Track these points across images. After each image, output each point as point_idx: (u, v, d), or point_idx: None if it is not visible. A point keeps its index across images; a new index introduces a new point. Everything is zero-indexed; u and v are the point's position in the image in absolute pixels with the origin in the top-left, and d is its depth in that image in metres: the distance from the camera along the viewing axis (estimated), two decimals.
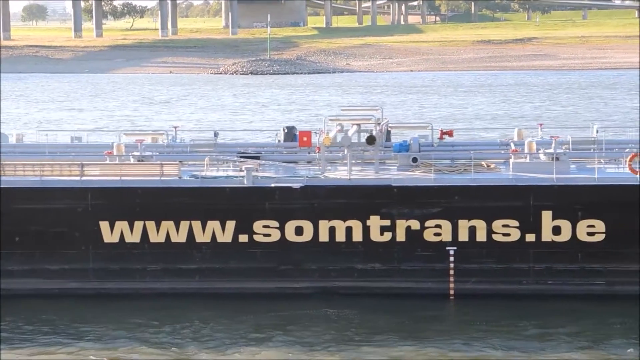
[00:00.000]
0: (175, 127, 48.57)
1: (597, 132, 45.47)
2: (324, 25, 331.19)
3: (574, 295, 39.91)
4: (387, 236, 40.19)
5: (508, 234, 39.95)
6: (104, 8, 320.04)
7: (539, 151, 42.38)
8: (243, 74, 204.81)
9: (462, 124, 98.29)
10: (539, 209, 39.70)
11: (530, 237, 39.89)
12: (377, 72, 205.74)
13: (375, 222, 40.14)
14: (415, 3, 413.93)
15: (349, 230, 40.18)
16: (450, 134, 46.38)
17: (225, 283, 40.36)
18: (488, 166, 43.32)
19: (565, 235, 39.75)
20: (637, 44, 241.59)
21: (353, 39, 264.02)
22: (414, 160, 43.14)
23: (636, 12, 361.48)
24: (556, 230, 39.77)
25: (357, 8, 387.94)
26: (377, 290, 40.35)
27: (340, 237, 40.21)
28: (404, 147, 43.90)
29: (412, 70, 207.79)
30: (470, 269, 40.22)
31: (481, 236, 40.01)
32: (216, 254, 40.20)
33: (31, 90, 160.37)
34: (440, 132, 46.38)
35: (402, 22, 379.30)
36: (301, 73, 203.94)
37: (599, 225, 39.62)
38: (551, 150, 41.93)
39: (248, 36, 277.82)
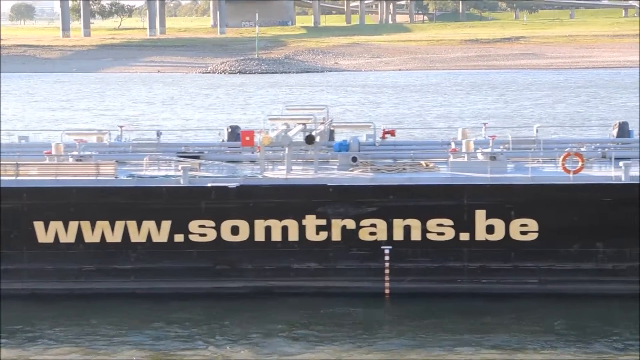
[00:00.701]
0: (121, 127, 48.70)
1: (537, 131, 45.71)
2: (312, 25, 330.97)
3: (507, 294, 40.12)
4: (323, 235, 40.38)
5: (442, 233, 40.17)
6: (91, 7, 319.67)
7: (477, 150, 42.63)
8: (231, 73, 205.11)
9: (468, 122, 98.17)
10: (473, 208, 39.92)
11: (464, 236, 40.12)
12: (365, 71, 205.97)
13: (311, 221, 40.32)
14: (403, 2, 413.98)
15: (284, 229, 40.35)
16: (392, 133, 46.64)
17: (161, 283, 40.49)
18: (427, 165, 43.55)
19: (498, 234, 39.98)
20: (624, 42, 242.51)
21: (341, 38, 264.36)
22: (354, 159, 43.35)
23: (623, 12, 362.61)
24: (490, 229, 40.00)
25: (345, 7, 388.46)
26: (312, 290, 40.52)
27: (276, 236, 40.38)
28: (343, 147, 44.13)
29: (400, 70, 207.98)
30: (405, 268, 40.43)
31: (416, 235, 40.22)
32: (152, 254, 40.32)
33: (25, 90, 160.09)
34: (382, 131, 46.61)
35: (390, 21, 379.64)
36: (289, 72, 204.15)
37: (532, 224, 39.86)
38: (488, 150, 42.23)
39: (236, 35, 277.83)
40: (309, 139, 42.54)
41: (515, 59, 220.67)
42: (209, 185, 40.43)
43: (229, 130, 47.18)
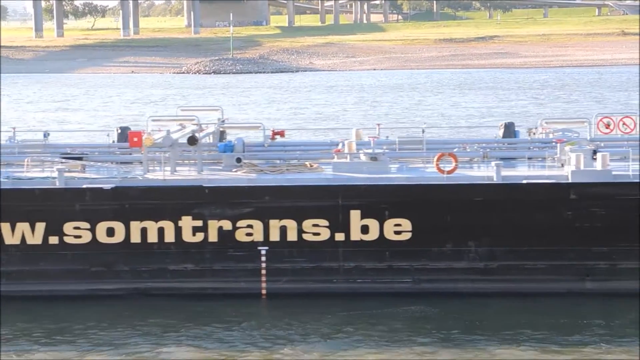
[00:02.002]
0: (14, 128, 48.66)
1: (423, 132, 45.81)
2: (287, 24, 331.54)
3: (382, 293, 40.23)
4: (200, 237, 40.38)
5: (318, 234, 40.24)
6: (65, 8, 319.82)
7: (360, 151, 42.74)
8: (206, 73, 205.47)
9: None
10: (348, 208, 40.01)
11: (339, 237, 40.17)
12: (340, 71, 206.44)
13: (187, 222, 40.32)
14: (377, 2, 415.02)
15: (161, 231, 40.34)
16: (282, 134, 46.74)
17: (36, 285, 40.31)
18: (311, 166, 43.62)
19: (373, 234, 40.07)
20: (597, 41, 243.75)
21: (316, 37, 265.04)
22: (238, 160, 43.44)
23: (596, 10, 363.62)
24: (364, 229, 40.08)
25: (319, 7, 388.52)
26: (189, 291, 40.53)
27: (153, 238, 40.37)
28: (228, 148, 44.17)
29: (374, 69, 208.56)
30: (281, 268, 40.49)
31: (292, 236, 40.27)
32: (26, 256, 40.24)
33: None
34: (272, 132, 46.71)
35: (365, 21, 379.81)
36: (264, 72, 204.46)
37: (405, 224, 39.95)
38: (370, 151, 42.36)
39: (210, 35, 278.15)
40: (191, 140, 42.58)
41: (490, 58, 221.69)
42: (84, 186, 40.42)
43: (119, 131, 47.19)
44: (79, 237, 40.26)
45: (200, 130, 45.14)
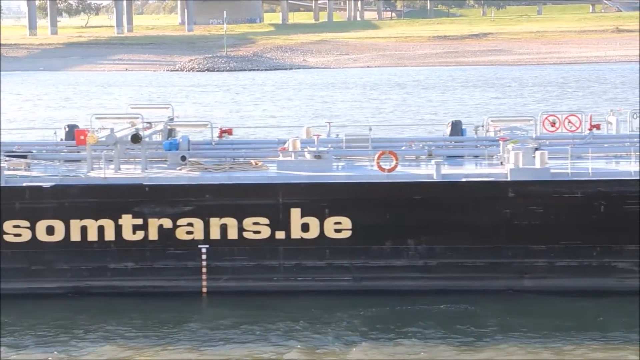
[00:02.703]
0: None
1: (371, 129, 45.65)
2: (280, 22, 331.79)
3: (322, 291, 40.12)
4: (140, 235, 40.31)
5: (259, 232, 40.18)
6: (58, 5, 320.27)
7: (304, 149, 42.62)
8: (199, 70, 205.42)
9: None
10: (288, 206, 39.93)
11: (280, 235, 40.09)
12: (333, 68, 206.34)
13: (127, 221, 40.24)
14: None
15: (101, 229, 40.25)
16: (229, 132, 46.68)
17: None
18: (256, 164, 43.51)
19: (313, 233, 39.99)
20: (591, 38, 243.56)
21: (309, 35, 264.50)
22: (183, 158, 43.36)
23: (590, 7, 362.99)
24: (305, 228, 40.00)
25: (313, 4, 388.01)
26: (130, 289, 40.43)
27: (93, 236, 40.31)
28: (174, 146, 44.08)
29: (368, 67, 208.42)
30: (222, 266, 40.42)
31: (232, 234, 40.20)
32: None
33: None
34: (219, 130, 46.66)
35: (358, 18, 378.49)
36: (258, 70, 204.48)
37: (345, 222, 39.86)
38: (314, 149, 42.25)
39: (204, 33, 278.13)
40: (135, 138, 42.46)
41: (483, 55, 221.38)
42: (24, 185, 40.33)
43: (67, 129, 47.12)
44: (19, 235, 40.19)
45: (147, 128, 45.08)
